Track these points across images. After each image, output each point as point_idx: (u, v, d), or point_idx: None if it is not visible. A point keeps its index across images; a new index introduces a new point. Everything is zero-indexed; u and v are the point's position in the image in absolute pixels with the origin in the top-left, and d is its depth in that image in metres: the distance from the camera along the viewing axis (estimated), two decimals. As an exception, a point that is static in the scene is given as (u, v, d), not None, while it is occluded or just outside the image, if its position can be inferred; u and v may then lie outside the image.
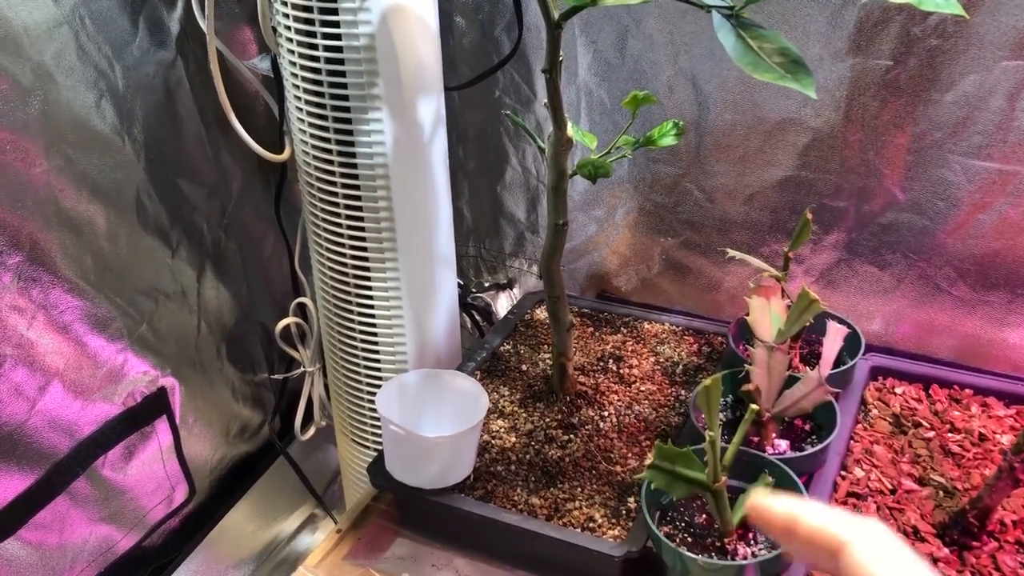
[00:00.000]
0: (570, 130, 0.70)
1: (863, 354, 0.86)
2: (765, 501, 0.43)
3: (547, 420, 0.85)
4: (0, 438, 0.77)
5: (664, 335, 0.98)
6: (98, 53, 0.81)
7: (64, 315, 0.81)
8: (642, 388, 0.89)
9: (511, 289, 1.23)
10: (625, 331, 0.99)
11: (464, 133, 1.13)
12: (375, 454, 0.96)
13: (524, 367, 0.93)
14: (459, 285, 1.04)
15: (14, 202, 0.75)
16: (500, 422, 0.85)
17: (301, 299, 1.06)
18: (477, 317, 1.23)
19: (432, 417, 0.80)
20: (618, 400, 0.87)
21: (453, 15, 1.04)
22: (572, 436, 0.83)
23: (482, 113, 1.10)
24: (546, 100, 0.69)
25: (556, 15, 0.61)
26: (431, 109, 0.87)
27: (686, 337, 0.97)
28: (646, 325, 1.00)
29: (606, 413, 0.86)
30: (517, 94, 1.06)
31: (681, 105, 0.96)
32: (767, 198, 0.97)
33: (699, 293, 1.06)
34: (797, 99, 0.90)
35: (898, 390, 0.88)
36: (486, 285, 1.24)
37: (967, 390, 0.88)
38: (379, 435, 0.98)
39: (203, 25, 0.89)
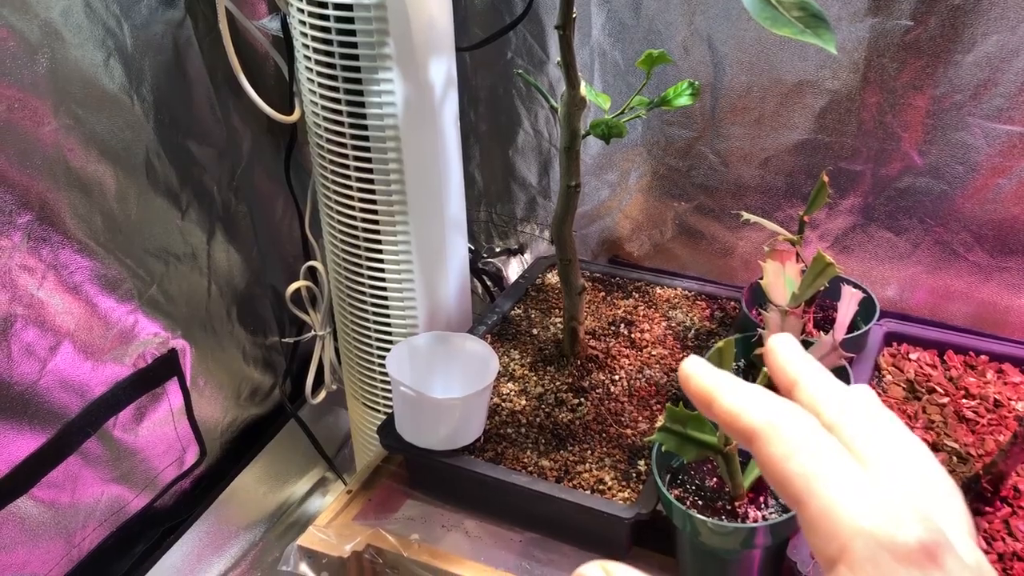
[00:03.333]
0: (584, 90, 0.69)
1: (877, 319, 0.85)
2: (695, 368, 0.38)
3: (557, 383, 0.85)
4: (12, 398, 0.77)
5: (676, 300, 0.97)
6: (106, 11, 0.80)
7: (74, 275, 0.81)
8: (653, 352, 0.89)
9: (522, 254, 1.22)
10: (637, 296, 0.98)
11: (476, 95, 1.12)
12: (386, 417, 0.96)
13: (535, 331, 0.93)
14: (470, 250, 1.03)
15: (23, 161, 0.74)
16: (510, 385, 0.85)
17: (312, 263, 1.05)
18: (488, 282, 1.22)
19: (442, 379, 0.80)
20: (629, 364, 0.87)
21: (465, -25, 1.03)
22: (582, 399, 0.83)
23: (494, 75, 1.09)
24: (559, 59, 0.68)
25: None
26: (443, 70, 0.85)
27: (698, 302, 0.97)
28: (658, 290, 0.99)
29: (617, 377, 0.85)
30: (530, 55, 1.04)
31: (696, 66, 0.94)
32: (782, 162, 0.95)
33: (712, 258, 1.05)
34: (814, 61, 0.89)
35: (912, 356, 0.87)
36: (497, 250, 1.23)
37: (982, 356, 0.87)
38: (390, 398, 0.98)
39: (212, -17, 0.88)
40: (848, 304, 0.75)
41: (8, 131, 0.73)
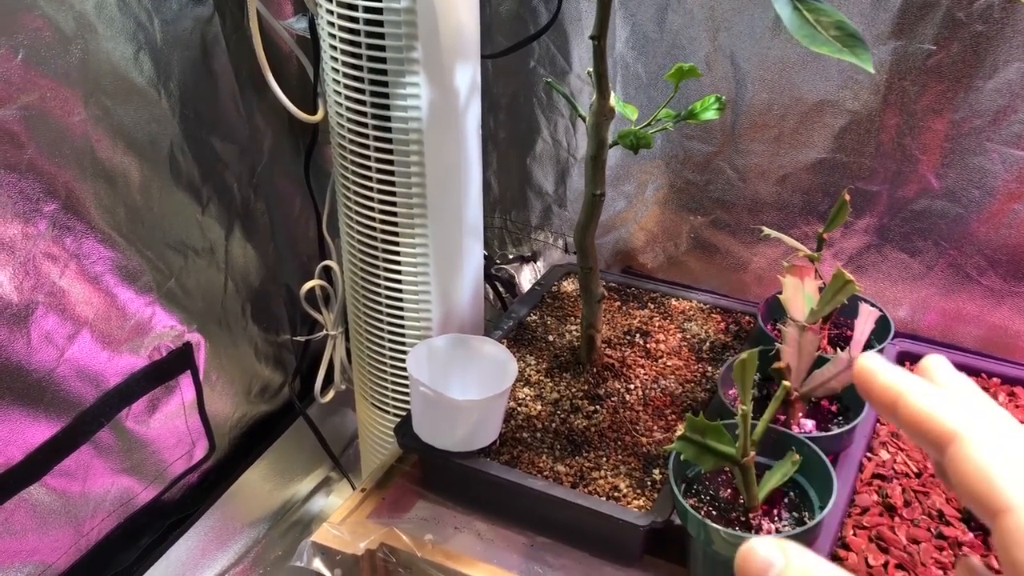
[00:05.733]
0: (613, 100, 0.70)
1: (891, 339, 0.86)
2: (872, 365, 0.36)
3: (573, 390, 0.85)
4: (29, 384, 0.77)
5: (691, 312, 0.98)
6: (138, 5, 0.81)
7: (95, 265, 0.81)
8: (668, 363, 0.89)
9: (535, 262, 1.22)
10: (652, 306, 0.99)
11: (496, 102, 1.13)
12: (396, 419, 0.96)
13: (551, 337, 0.94)
14: (484, 256, 1.04)
15: (52, 150, 0.75)
16: (526, 390, 0.86)
17: (327, 262, 1.06)
18: (500, 289, 1.23)
19: (459, 381, 0.80)
20: (644, 374, 0.87)
21: (492, -17, 1.04)
22: (598, 407, 0.83)
23: (515, 83, 1.10)
24: (590, 69, 0.69)
25: (609, -20, 0.60)
26: (468, 76, 0.86)
27: (713, 315, 0.97)
28: (673, 302, 0.99)
29: (632, 386, 0.86)
30: (552, 65, 1.05)
31: (718, 82, 0.95)
32: (800, 179, 0.96)
33: (725, 273, 1.06)
34: (836, 81, 0.90)
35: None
36: (511, 257, 1.24)
37: (995, 379, 0.87)
38: (400, 400, 0.99)
39: (242, -18, 0.89)
40: (865, 322, 0.75)
41: (39, 120, 0.73)
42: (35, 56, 0.72)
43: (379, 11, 0.80)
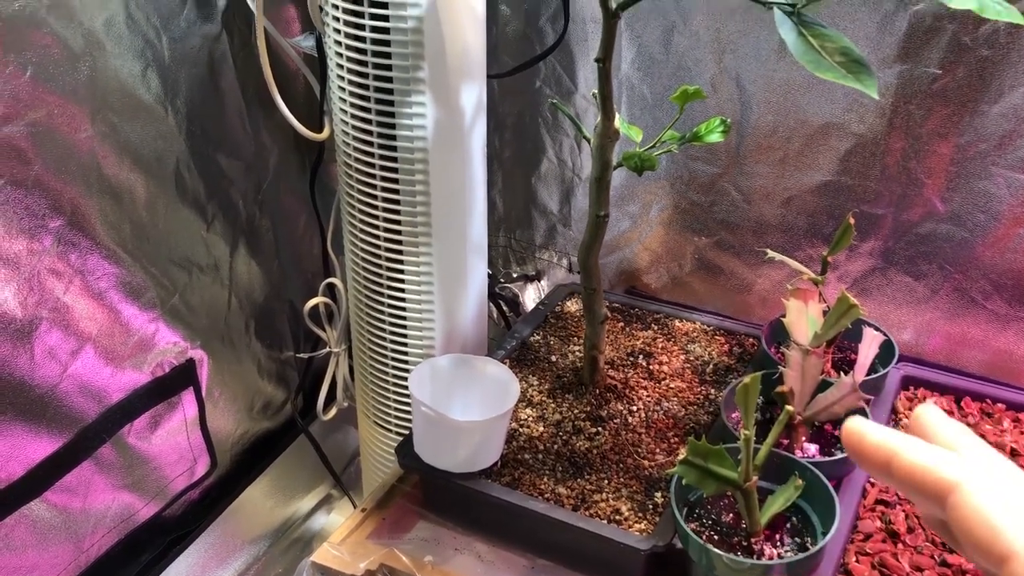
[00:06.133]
0: (618, 122, 0.70)
1: (895, 363, 0.86)
2: (860, 427, 0.36)
3: (575, 412, 0.85)
4: (32, 400, 0.77)
5: (695, 334, 0.97)
6: (146, 23, 0.82)
7: (100, 281, 0.82)
8: (671, 385, 0.89)
9: (539, 281, 1.22)
10: (655, 328, 0.98)
11: (502, 122, 1.13)
12: (398, 437, 0.96)
13: (553, 358, 0.93)
14: (488, 274, 1.04)
15: (59, 166, 0.75)
16: (528, 411, 0.85)
17: (331, 279, 1.06)
18: (504, 307, 1.23)
19: (461, 402, 0.80)
20: (647, 396, 0.87)
21: (498, 3, 1.04)
22: (600, 429, 0.83)
23: (521, 103, 1.10)
24: (594, 90, 0.69)
25: (614, 4, 0.60)
26: (473, 96, 0.86)
27: (717, 337, 0.97)
28: (677, 323, 0.99)
29: (635, 408, 0.85)
30: (558, 85, 1.05)
31: (723, 104, 0.95)
32: (805, 202, 0.96)
33: (729, 294, 1.06)
34: (841, 104, 0.90)
35: (929, 401, 0.87)
36: (515, 276, 1.24)
37: (999, 404, 0.87)
38: (402, 418, 0.98)
39: (250, 2, 0.90)
40: (869, 347, 0.75)
41: (47, 136, 0.74)
42: (43, 73, 0.72)
43: (386, 31, 0.80)
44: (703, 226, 1.04)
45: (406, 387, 0.95)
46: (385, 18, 0.80)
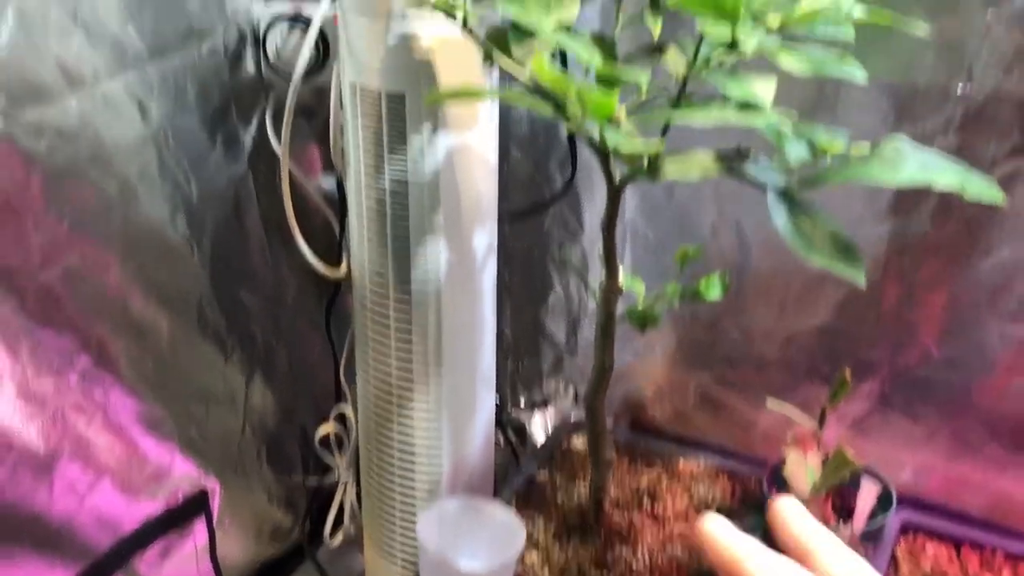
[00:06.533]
0: (621, 278, 0.73)
1: (894, 509, 0.87)
2: (718, 530, 0.37)
3: (580, 555, 0.86)
4: (49, 532, 0.79)
5: (699, 474, 0.99)
6: (177, 167, 0.86)
7: (121, 415, 0.84)
8: (676, 528, 0.90)
9: (546, 409, 1.25)
10: (660, 466, 1.00)
11: (511, 255, 1.17)
12: (404, 567, 0.97)
13: (560, 499, 0.95)
14: (495, 402, 1.06)
15: (89, 307, 0.79)
16: (534, 555, 0.87)
17: (342, 407, 1.08)
18: (511, 435, 1.25)
19: (468, 546, 0.81)
20: (651, 539, 0.88)
21: (510, 147, 1.09)
22: (606, 573, 0.84)
23: (530, 239, 1.14)
24: (600, 248, 0.73)
25: (618, 179, 0.64)
26: (485, 238, 0.91)
27: (721, 476, 0.99)
28: (681, 462, 1.01)
29: (639, 553, 0.87)
30: (565, 226, 1.10)
31: (724, 249, 0.99)
32: (804, 343, 0.99)
33: (733, 430, 1.08)
34: (838, 252, 0.94)
35: (929, 548, 0.88)
36: (522, 403, 1.26)
37: (999, 552, 0.88)
38: (408, 548, 0.99)
39: (276, 147, 0.95)
40: (867, 498, 0.77)
41: (79, 280, 0.77)
42: (80, 222, 0.76)
43: (404, 181, 0.84)
44: (705, 363, 1.07)
45: (412, 517, 0.96)
46: (403, 168, 0.84)
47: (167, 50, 0.82)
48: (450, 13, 0.60)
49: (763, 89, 0.50)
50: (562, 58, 0.91)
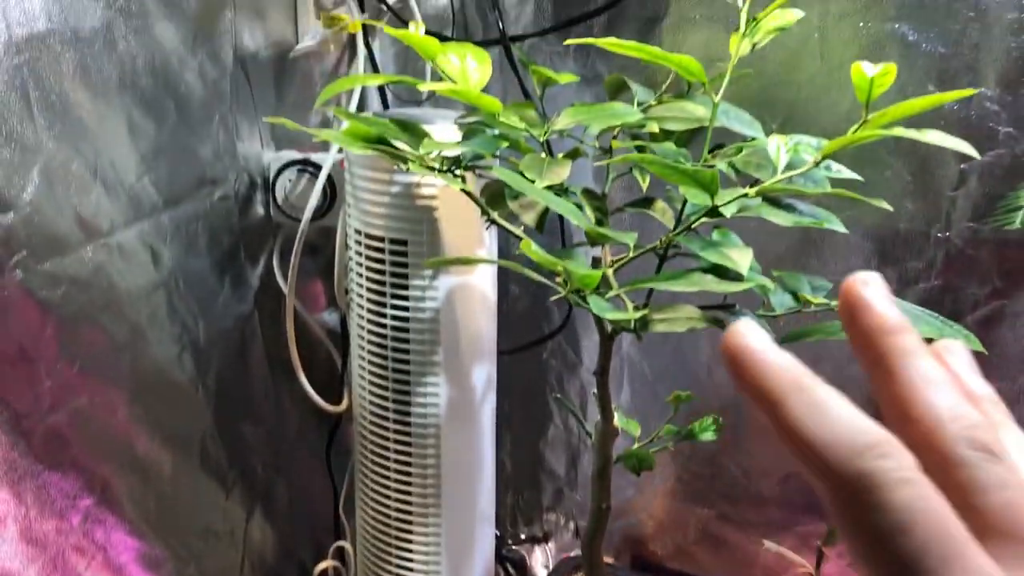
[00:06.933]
0: (616, 421, 0.75)
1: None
2: (751, 340, 0.26)
3: None
4: (43, 677, 0.79)
5: (698, 612, 0.98)
6: (186, 310, 0.89)
7: (121, 555, 0.85)
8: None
9: (547, 543, 1.24)
10: (659, 604, 1.00)
11: (511, 388, 1.19)
12: None
13: (558, 638, 0.94)
14: (495, 535, 1.06)
15: (95, 448, 0.80)
16: None
17: (341, 543, 1.08)
18: (512, 570, 1.24)
19: None
20: None
21: (509, 283, 1.12)
22: None
23: (529, 373, 1.16)
24: (595, 392, 0.75)
25: (609, 328, 0.67)
26: (484, 374, 0.93)
27: (719, 615, 0.98)
28: (680, 599, 1.00)
29: None
30: (563, 359, 1.12)
31: (719, 386, 1.01)
32: (801, 480, 0.99)
33: (734, 566, 1.07)
34: (830, 389, 0.95)
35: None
36: (522, 537, 1.25)
37: None
38: None
39: (282, 285, 0.98)
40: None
41: (86, 421, 0.79)
42: (89, 365, 0.78)
43: (406, 319, 0.87)
44: (705, 498, 1.07)
45: (411, 659, 0.95)
46: (405, 307, 0.87)
47: (181, 199, 0.86)
48: (451, 174, 0.63)
49: (739, 257, 0.52)
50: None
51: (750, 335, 0.26)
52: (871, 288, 0.27)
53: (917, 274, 0.87)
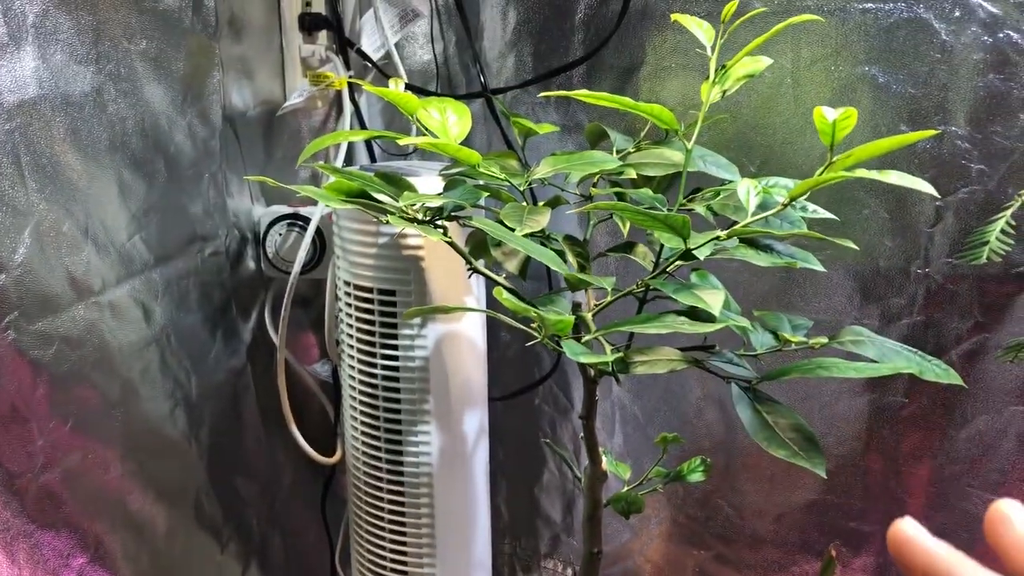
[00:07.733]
0: (605, 464, 0.75)
1: None
2: (912, 532, 0.33)
3: None
4: None
5: (695, 656, 0.98)
6: (178, 366, 0.90)
7: (114, 614, 0.84)
8: None
9: (544, 590, 1.24)
10: (656, 648, 0.99)
11: (504, 435, 1.19)
12: None
13: None
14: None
15: (87, 506, 0.80)
16: None
17: (338, 595, 1.08)
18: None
19: None
20: None
21: (499, 331, 1.13)
22: None
23: (522, 419, 1.17)
24: (583, 434, 0.76)
25: (592, 373, 0.68)
26: (476, 422, 0.93)
27: (718, 658, 0.97)
28: (678, 643, 1.00)
29: None
30: (555, 404, 1.13)
31: (710, 425, 1.01)
32: (795, 518, 1.00)
33: (731, 608, 1.07)
34: (818, 428, 0.96)
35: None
36: (519, 584, 1.25)
37: None
38: None
39: (274, 338, 0.99)
40: None
41: (79, 478, 0.79)
42: (82, 423, 0.79)
43: (396, 368, 0.88)
44: (700, 540, 1.07)
45: None
46: (395, 356, 0.88)
47: (172, 256, 0.88)
48: (431, 226, 0.65)
49: (712, 299, 0.53)
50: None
51: (909, 528, 0.33)
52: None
53: (899, 310, 0.89)
